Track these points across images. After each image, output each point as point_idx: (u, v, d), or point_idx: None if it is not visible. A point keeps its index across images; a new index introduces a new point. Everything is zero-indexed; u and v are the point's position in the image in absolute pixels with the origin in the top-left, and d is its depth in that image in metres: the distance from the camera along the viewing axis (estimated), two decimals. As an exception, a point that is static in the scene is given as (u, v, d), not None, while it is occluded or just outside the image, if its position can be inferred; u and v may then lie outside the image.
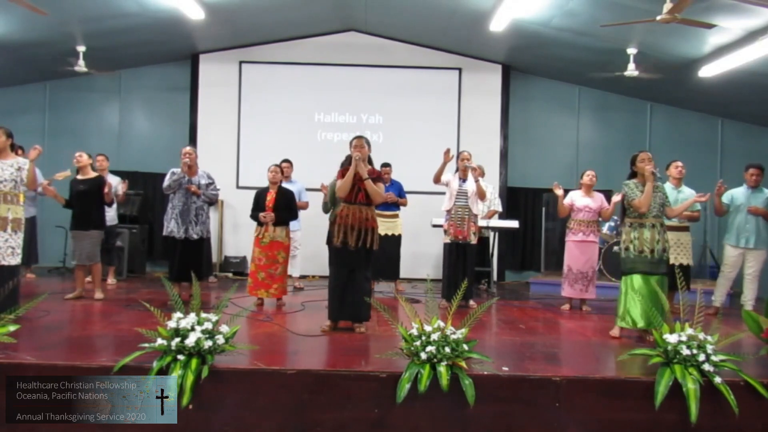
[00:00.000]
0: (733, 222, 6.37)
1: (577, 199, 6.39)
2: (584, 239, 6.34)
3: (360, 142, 4.82)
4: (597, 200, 6.37)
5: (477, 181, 6.23)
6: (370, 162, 4.94)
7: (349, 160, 4.85)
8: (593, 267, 6.40)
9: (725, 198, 6.33)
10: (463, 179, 6.29)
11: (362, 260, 4.83)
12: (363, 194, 4.80)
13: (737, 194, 6.38)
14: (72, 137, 9.17)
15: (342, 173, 4.87)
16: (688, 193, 6.02)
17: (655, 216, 4.85)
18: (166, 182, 6.19)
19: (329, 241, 4.90)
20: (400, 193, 7.64)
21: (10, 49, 7.79)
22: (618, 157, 5.12)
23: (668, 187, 5.98)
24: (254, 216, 6.10)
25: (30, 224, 7.14)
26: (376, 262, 7.42)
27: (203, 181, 6.28)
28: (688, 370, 3.49)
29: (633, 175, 4.96)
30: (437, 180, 6.28)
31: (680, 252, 6.07)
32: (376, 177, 4.89)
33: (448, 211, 6.30)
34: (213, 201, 6.47)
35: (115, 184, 7.20)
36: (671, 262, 5.76)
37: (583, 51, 8.00)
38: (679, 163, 6.15)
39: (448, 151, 6.11)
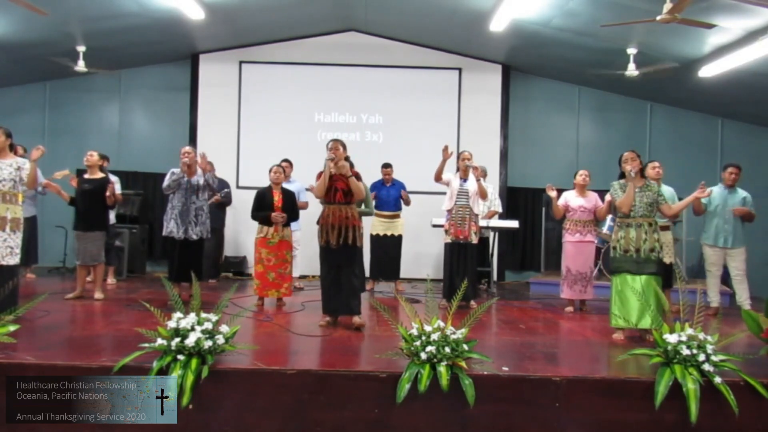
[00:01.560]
0: (711, 222, 6.36)
1: (571, 199, 6.39)
2: (581, 239, 6.34)
3: (335, 145, 4.99)
4: (591, 200, 6.37)
5: (478, 180, 6.22)
6: (350, 165, 5.05)
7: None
8: (591, 267, 6.39)
9: (703, 198, 6.31)
10: (464, 179, 6.29)
11: (347, 258, 4.97)
12: (341, 194, 4.95)
13: (714, 194, 6.36)
14: (72, 137, 9.18)
15: (320, 175, 5.01)
16: (668, 193, 5.99)
17: (642, 215, 4.85)
18: (166, 182, 6.19)
19: (318, 240, 5.02)
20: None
21: (10, 49, 7.79)
22: (618, 157, 5.11)
23: None
24: (257, 216, 6.09)
25: (30, 224, 7.13)
26: (377, 262, 7.52)
27: (201, 180, 6.27)
28: (688, 370, 3.49)
29: (623, 175, 4.97)
30: (438, 178, 6.28)
31: (663, 251, 6.06)
32: (355, 176, 5.00)
33: (449, 211, 6.29)
34: (216, 190, 6.44)
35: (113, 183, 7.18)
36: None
37: (583, 51, 8.00)
38: (656, 164, 6.11)
39: (446, 148, 6.11)
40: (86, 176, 6.26)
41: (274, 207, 6.05)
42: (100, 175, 6.28)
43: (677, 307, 3.84)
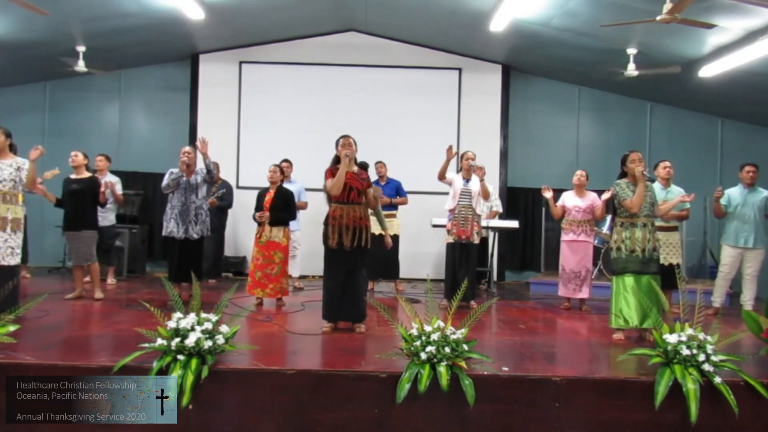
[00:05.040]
0: (731, 223, 6.35)
1: (567, 199, 6.45)
2: (575, 239, 6.37)
3: (348, 141, 4.84)
4: (588, 200, 6.41)
5: (481, 180, 6.22)
6: (355, 162, 4.95)
7: (337, 160, 4.84)
8: (587, 267, 6.40)
9: (722, 200, 6.32)
10: (467, 179, 6.29)
11: (359, 260, 4.82)
12: (355, 193, 4.79)
13: (734, 194, 6.36)
14: (72, 137, 9.16)
15: (331, 172, 4.84)
16: (676, 193, 6.02)
17: (646, 215, 4.86)
18: (165, 182, 6.19)
19: (325, 242, 4.88)
20: (398, 191, 7.63)
21: (10, 49, 7.79)
22: (618, 157, 5.11)
23: (657, 187, 5.97)
24: (253, 216, 6.12)
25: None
26: (375, 263, 7.49)
27: (200, 178, 6.27)
28: (688, 370, 3.49)
29: (624, 174, 4.97)
30: (441, 177, 6.28)
31: (670, 252, 6.07)
32: (365, 178, 4.91)
33: (452, 211, 6.29)
34: (215, 175, 6.40)
35: (114, 183, 7.18)
36: (660, 261, 5.76)
37: (583, 51, 8.00)
38: (667, 163, 6.15)
39: (450, 148, 6.14)
40: (73, 176, 6.25)
41: (264, 207, 6.05)
42: (86, 174, 6.28)
43: (677, 307, 3.85)
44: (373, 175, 7.49)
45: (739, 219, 6.29)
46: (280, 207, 6.06)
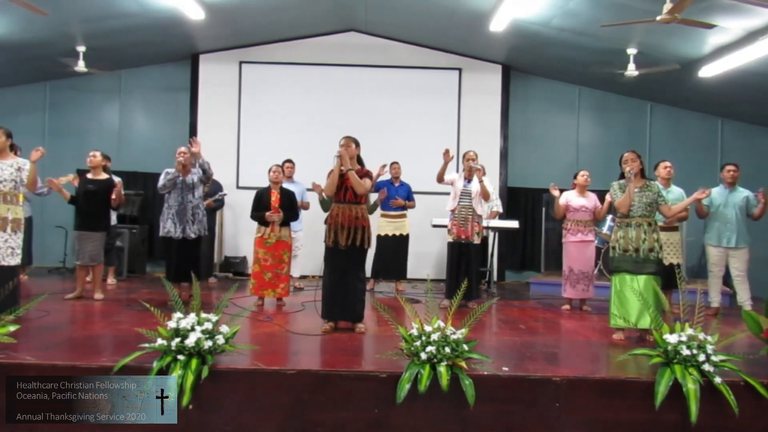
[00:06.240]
0: (713, 222, 6.36)
1: (573, 199, 6.41)
2: (583, 239, 6.37)
3: (346, 141, 4.85)
4: (591, 200, 6.41)
5: (481, 181, 6.22)
6: (360, 162, 4.96)
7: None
8: (592, 266, 6.42)
9: (704, 200, 6.31)
10: (468, 179, 6.29)
11: (354, 260, 4.83)
12: (351, 193, 4.81)
13: (715, 194, 6.36)
14: (72, 137, 9.18)
15: (331, 174, 4.87)
16: (677, 193, 6.01)
17: (641, 215, 4.84)
18: (161, 182, 6.17)
19: (325, 241, 4.90)
20: (409, 195, 7.64)
21: (10, 49, 7.79)
22: (618, 157, 5.11)
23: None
24: (256, 216, 6.10)
25: (26, 225, 7.12)
26: (384, 262, 7.50)
27: (196, 178, 6.25)
28: (688, 371, 3.49)
29: (624, 175, 4.97)
30: (440, 180, 6.28)
31: (670, 252, 6.07)
32: (364, 174, 4.89)
33: (452, 211, 6.30)
34: (210, 174, 6.37)
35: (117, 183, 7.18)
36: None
37: (583, 51, 8.00)
38: (668, 163, 6.14)
39: (447, 152, 6.12)
40: (89, 176, 6.25)
41: (271, 207, 6.06)
42: (104, 176, 6.27)
43: (677, 307, 3.84)
44: (386, 175, 7.52)
45: (721, 219, 6.31)
46: (287, 207, 6.11)
